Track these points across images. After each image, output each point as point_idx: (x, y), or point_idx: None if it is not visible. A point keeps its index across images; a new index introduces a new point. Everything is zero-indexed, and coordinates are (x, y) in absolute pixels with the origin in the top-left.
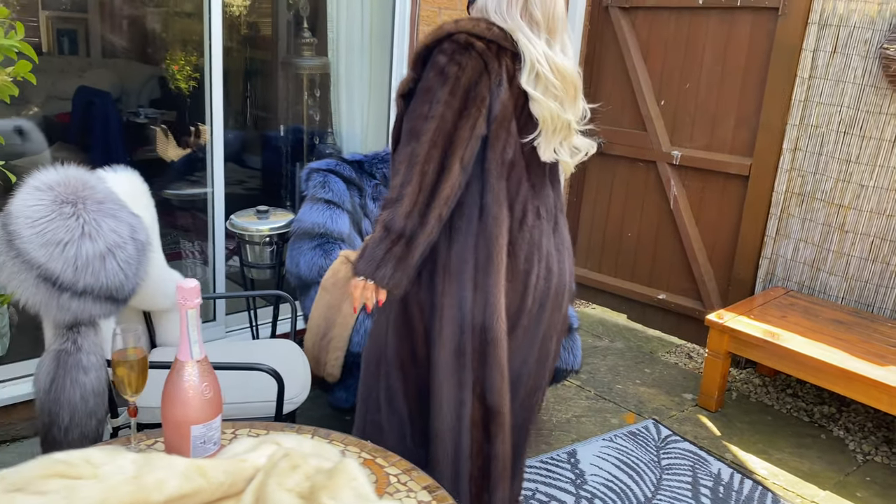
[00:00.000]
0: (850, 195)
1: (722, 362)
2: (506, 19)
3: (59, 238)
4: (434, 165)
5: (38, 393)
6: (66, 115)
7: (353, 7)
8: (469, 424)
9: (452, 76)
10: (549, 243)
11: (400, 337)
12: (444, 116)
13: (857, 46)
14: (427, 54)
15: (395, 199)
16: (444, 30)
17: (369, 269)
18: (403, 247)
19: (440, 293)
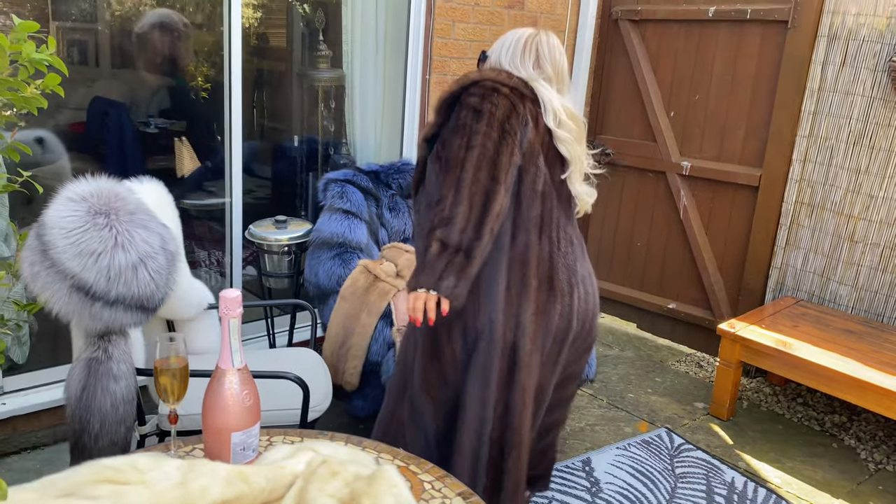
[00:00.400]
0: (860, 206)
1: (734, 371)
2: (521, 71)
3: (92, 248)
4: (481, 187)
5: (69, 400)
6: (78, 126)
7: (367, 20)
8: (487, 441)
9: (487, 112)
10: (582, 268)
11: (428, 359)
12: (486, 145)
13: (865, 59)
14: (453, 101)
15: (448, 218)
16: (470, 78)
17: (431, 280)
18: (463, 258)
19: (471, 316)
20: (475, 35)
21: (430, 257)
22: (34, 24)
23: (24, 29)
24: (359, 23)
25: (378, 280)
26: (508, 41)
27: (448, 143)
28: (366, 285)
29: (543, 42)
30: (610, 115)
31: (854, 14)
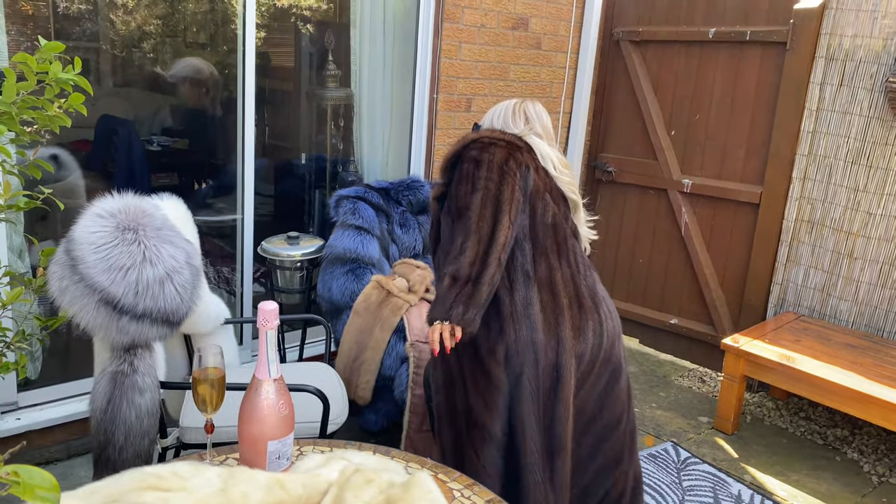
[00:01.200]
0: (859, 223)
1: (738, 386)
2: (513, 129)
3: (121, 263)
4: (487, 222)
5: (95, 413)
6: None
7: (375, 41)
8: (538, 451)
9: (486, 161)
10: (601, 290)
11: (486, 394)
12: (488, 186)
13: (863, 80)
14: (456, 160)
15: (459, 254)
16: (468, 138)
17: (442, 311)
18: (471, 287)
19: (513, 339)
20: (481, 56)
21: (441, 292)
22: (59, 45)
23: (51, 49)
24: (367, 43)
25: (391, 295)
26: (498, 110)
27: (456, 195)
28: (378, 300)
29: (530, 107)
30: (611, 134)
31: (851, 36)
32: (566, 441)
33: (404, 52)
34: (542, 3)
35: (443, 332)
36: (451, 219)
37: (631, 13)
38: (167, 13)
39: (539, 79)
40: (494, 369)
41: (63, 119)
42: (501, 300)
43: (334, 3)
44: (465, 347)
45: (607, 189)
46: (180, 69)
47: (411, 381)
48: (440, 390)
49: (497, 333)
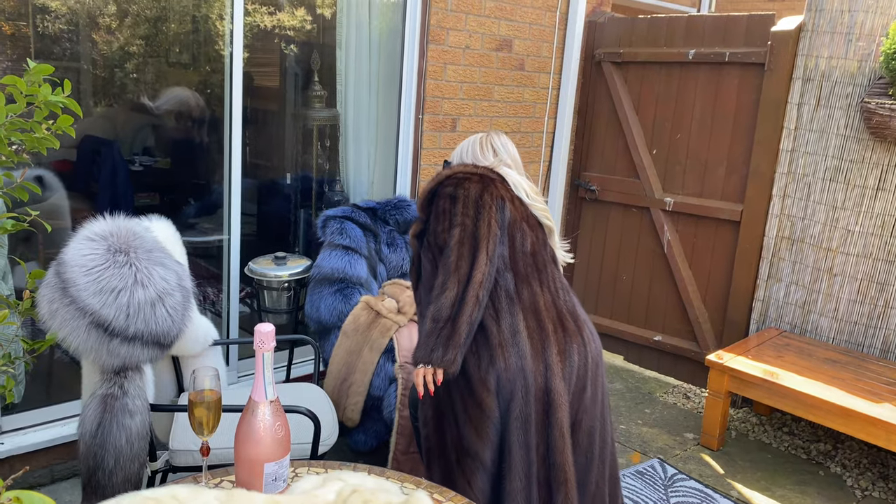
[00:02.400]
0: (838, 239)
1: (723, 402)
2: (483, 162)
3: (113, 286)
4: (466, 260)
5: (84, 436)
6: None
7: (361, 62)
8: (535, 482)
9: (461, 196)
10: (582, 313)
11: (477, 423)
12: (464, 223)
13: (839, 100)
14: (432, 197)
15: (440, 293)
16: (442, 175)
17: (425, 354)
18: (450, 328)
19: (503, 368)
20: (466, 77)
21: (423, 333)
22: (48, 68)
23: (39, 72)
24: (353, 64)
25: (380, 316)
26: (466, 145)
27: (434, 231)
28: (368, 321)
29: (496, 139)
30: (594, 153)
31: (826, 57)
32: (567, 472)
33: (390, 73)
34: (525, 26)
35: (426, 376)
36: (431, 255)
37: (612, 35)
38: (150, 33)
39: (523, 99)
40: (486, 398)
41: (51, 141)
42: (489, 330)
43: (320, 24)
44: (457, 378)
45: (590, 208)
46: (167, 100)
47: (399, 402)
48: (428, 423)
49: (487, 363)
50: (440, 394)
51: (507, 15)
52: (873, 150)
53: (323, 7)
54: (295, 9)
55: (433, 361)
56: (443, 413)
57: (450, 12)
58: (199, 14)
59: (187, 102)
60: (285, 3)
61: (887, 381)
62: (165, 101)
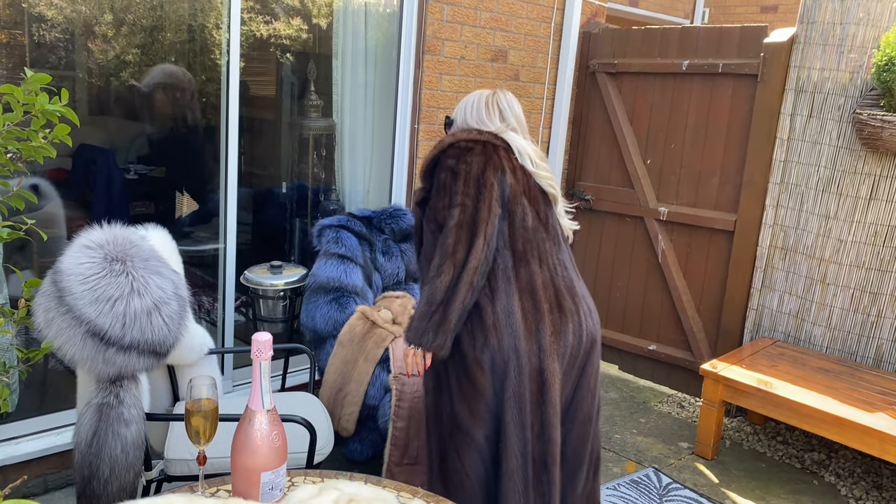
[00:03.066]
0: (830, 249)
1: (717, 411)
2: (489, 126)
3: (109, 294)
4: (463, 245)
5: (79, 446)
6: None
7: (357, 72)
8: (531, 460)
9: (463, 172)
10: (580, 288)
11: (471, 401)
12: (465, 204)
13: (831, 111)
14: (434, 165)
15: (435, 276)
16: (445, 142)
17: (415, 337)
18: (441, 314)
19: (497, 348)
20: (462, 87)
21: (416, 315)
22: (46, 77)
23: (37, 81)
24: (349, 74)
25: (375, 326)
26: (470, 104)
27: (434, 207)
28: (363, 331)
29: (502, 98)
30: (588, 163)
31: (819, 69)
32: (556, 448)
33: (386, 83)
34: (520, 37)
35: (416, 356)
36: (432, 227)
37: (606, 46)
38: (146, 42)
39: None
40: (479, 378)
41: (48, 150)
42: (484, 310)
43: (316, 34)
44: (453, 356)
45: (585, 217)
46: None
47: (393, 413)
48: (430, 392)
49: (482, 342)
50: (439, 368)
51: (502, 26)
52: (865, 160)
53: (319, 17)
54: (291, 18)
55: (423, 345)
56: (441, 386)
57: (446, 23)
58: (195, 23)
59: (174, 74)
60: (281, 12)
61: (881, 391)
62: (151, 77)
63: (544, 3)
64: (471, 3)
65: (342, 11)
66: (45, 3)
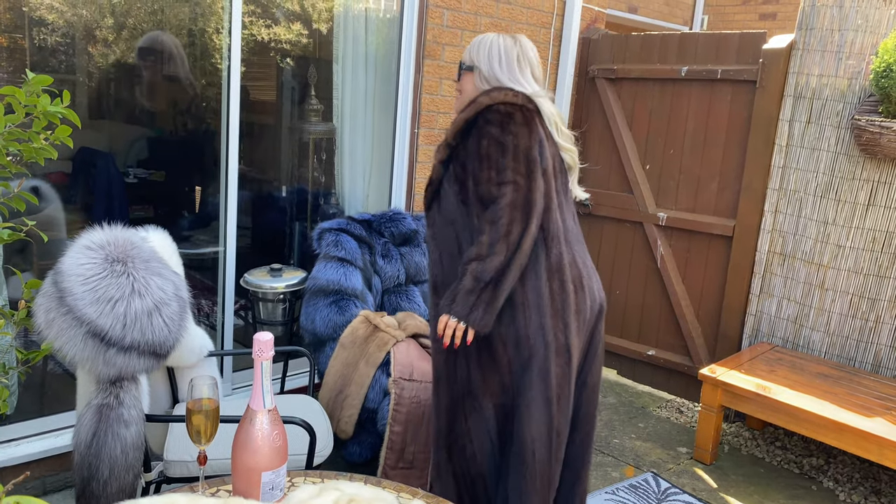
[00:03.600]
0: (829, 255)
1: (716, 416)
2: (523, 85)
3: (110, 295)
4: (518, 226)
5: (79, 447)
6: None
7: (357, 76)
8: (555, 433)
9: (511, 145)
10: (589, 261)
11: (488, 369)
12: (517, 182)
13: (829, 118)
14: (468, 127)
15: (485, 256)
16: (482, 103)
17: (464, 312)
18: (491, 292)
19: (523, 325)
20: None
21: (463, 289)
22: (48, 78)
23: (39, 83)
24: (349, 78)
25: (378, 330)
26: (496, 51)
27: (477, 176)
28: (365, 335)
29: (528, 49)
30: (588, 168)
31: (817, 75)
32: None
33: (386, 87)
34: None
35: (457, 330)
36: (458, 187)
37: (606, 52)
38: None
39: None
40: (500, 352)
41: (49, 151)
42: (514, 289)
43: (316, 39)
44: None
45: (584, 222)
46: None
47: (391, 417)
48: (440, 352)
49: (509, 320)
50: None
51: (502, 31)
52: (864, 166)
53: (319, 22)
54: (292, 23)
55: (470, 321)
56: (456, 352)
57: (446, 28)
58: (195, 27)
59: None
60: (282, 17)
61: (879, 396)
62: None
63: (544, 9)
64: (471, 9)
65: (343, 16)
66: (46, 6)
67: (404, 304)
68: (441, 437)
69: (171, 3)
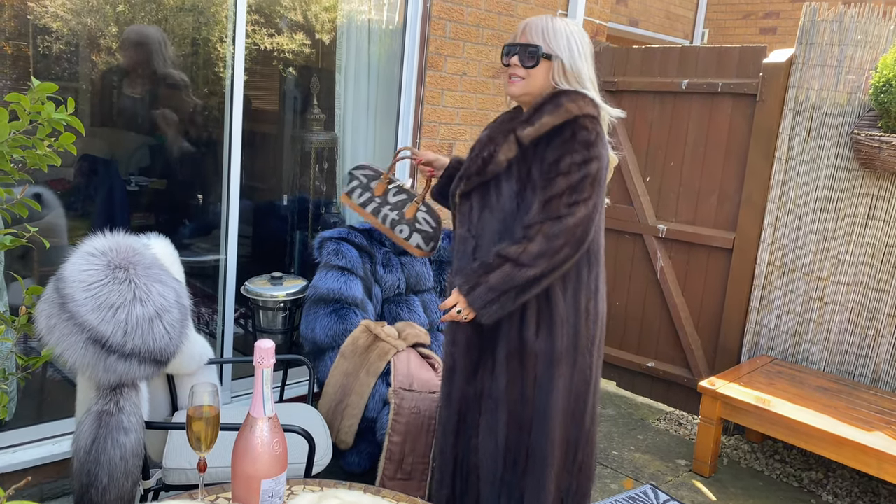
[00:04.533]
0: (828, 268)
1: (715, 428)
2: (595, 90)
3: (112, 302)
4: (568, 250)
5: (78, 453)
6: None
7: (360, 86)
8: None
9: (593, 169)
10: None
11: (512, 379)
12: (587, 206)
13: (829, 131)
14: (551, 133)
15: (525, 264)
16: (570, 111)
17: (479, 304)
18: (513, 299)
19: (560, 343)
20: (463, 102)
21: (488, 283)
22: (52, 86)
23: (44, 90)
24: (351, 89)
25: (379, 339)
26: (576, 46)
27: (549, 188)
28: (366, 344)
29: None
30: None
31: (817, 89)
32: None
33: (388, 98)
34: None
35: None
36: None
37: (607, 64)
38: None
39: None
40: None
41: (53, 158)
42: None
43: (319, 49)
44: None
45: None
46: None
47: (390, 427)
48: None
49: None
50: (485, 335)
51: (503, 43)
52: (863, 180)
53: (322, 32)
54: (295, 33)
55: (481, 314)
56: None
57: (448, 40)
58: (199, 36)
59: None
60: (285, 27)
61: (879, 410)
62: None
63: None
64: (473, 21)
65: (346, 27)
66: (51, 15)
67: (404, 313)
68: (450, 423)
69: (175, 12)
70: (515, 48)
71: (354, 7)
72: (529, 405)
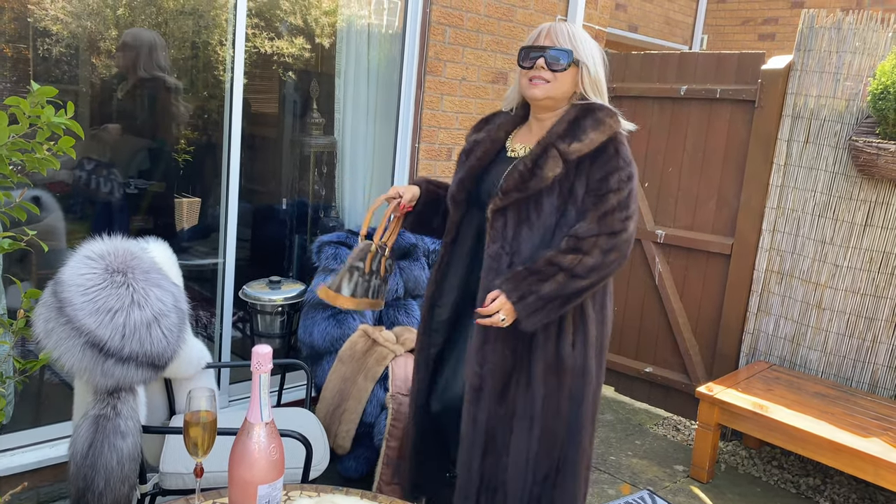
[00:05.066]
0: (826, 274)
1: (712, 434)
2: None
3: (109, 306)
4: (618, 264)
5: (75, 457)
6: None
7: (359, 91)
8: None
9: (635, 184)
10: None
11: (549, 394)
12: (635, 220)
13: (827, 137)
14: (595, 152)
15: (579, 275)
16: (611, 127)
17: (525, 312)
18: (558, 308)
19: (592, 358)
20: (462, 107)
21: (539, 292)
22: (52, 90)
23: (44, 94)
24: (351, 93)
25: (377, 344)
26: (598, 55)
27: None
28: (364, 349)
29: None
30: None
31: (815, 96)
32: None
33: (387, 102)
34: None
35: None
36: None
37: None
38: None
39: None
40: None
41: (52, 162)
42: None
43: (319, 53)
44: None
45: None
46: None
47: (388, 432)
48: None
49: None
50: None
51: (503, 48)
52: (861, 187)
53: (322, 37)
54: (295, 37)
55: (525, 322)
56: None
57: (447, 45)
58: (199, 40)
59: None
60: (285, 31)
61: (876, 416)
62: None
63: None
64: (473, 27)
65: (345, 32)
66: (51, 18)
67: (402, 318)
68: (477, 443)
69: (174, 16)
70: (542, 51)
71: (354, 11)
72: (563, 419)
